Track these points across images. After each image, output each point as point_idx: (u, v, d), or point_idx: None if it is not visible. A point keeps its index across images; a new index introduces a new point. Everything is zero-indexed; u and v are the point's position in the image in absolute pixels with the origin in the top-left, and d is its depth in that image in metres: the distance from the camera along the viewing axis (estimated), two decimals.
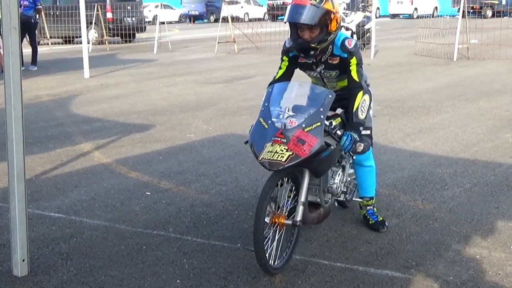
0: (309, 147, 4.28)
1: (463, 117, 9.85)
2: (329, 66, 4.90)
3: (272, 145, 4.31)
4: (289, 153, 4.25)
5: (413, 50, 20.07)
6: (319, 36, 4.63)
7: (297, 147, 4.26)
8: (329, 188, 4.97)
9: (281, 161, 4.22)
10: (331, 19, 4.61)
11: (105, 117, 10.41)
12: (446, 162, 7.35)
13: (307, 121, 4.38)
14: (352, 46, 4.77)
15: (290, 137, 4.30)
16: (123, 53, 22.63)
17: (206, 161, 7.58)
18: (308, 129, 4.34)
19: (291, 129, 4.35)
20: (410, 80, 14.04)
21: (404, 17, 48.28)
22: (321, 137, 4.36)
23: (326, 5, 4.57)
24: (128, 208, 5.96)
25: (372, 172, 5.27)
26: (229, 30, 22.40)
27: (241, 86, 13.73)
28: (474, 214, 5.65)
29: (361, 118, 4.72)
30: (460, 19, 18.70)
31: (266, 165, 4.28)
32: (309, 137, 4.31)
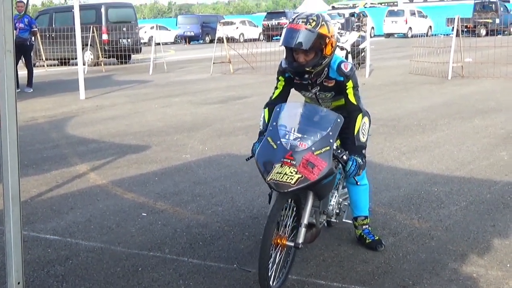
0: (318, 171, 4.30)
1: (458, 135, 9.87)
2: (324, 88, 4.93)
3: (282, 167, 4.31)
4: (299, 175, 4.25)
5: (408, 69, 20.15)
6: (313, 60, 4.66)
7: (306, 170, 4.27)
8: (324, 210, 5.00)
9: (290, 183, 4.23)
10: (326, 43, 4.63)
11: (101, 138, 10.41)
12: (442, 181, 7.35)
13: (317, 145, 4.39)
14: (348, 70, 4.80)
15: (300, 160, 4.30)
16: (119, 74, 22.67)
17: (202, 182, 7.57)
18: (318, 153, 4.36)
19: (301, 151, 4.35)
20: (405, 99, 14.08)
21: (398, 37, 48.48)
22: (330, 161, 4.38)
23: (321, 29, 4.59)
24: (123, 230, 5.94)
25: (366, 190, 5.28)
26: (225, 50, 22.48)
27: (237, 106, 13.75)
28: (470, 233, 5.64)
29: (363, 141, 4.76)
30: (454, 38, 18.79)
31: (274, 186, 4.28)
32: (318, 161, 4.32)
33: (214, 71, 21.83)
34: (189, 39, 52.84)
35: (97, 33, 25.05)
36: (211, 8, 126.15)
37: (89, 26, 24.20)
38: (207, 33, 52.04)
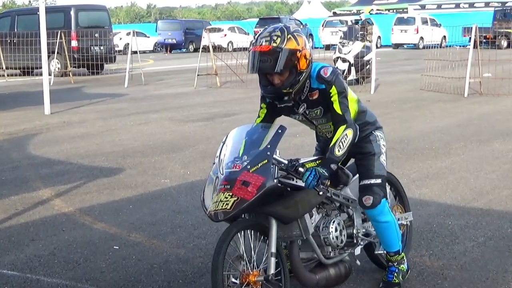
0: (255, 188, 4.30)
1: (476, 160, 9.90)
2: (311, 104, 4.91)
3: (217, 195, 4.38)
4: (234, 198, 4.29)
5: (418, 85, 20.22)
6: (289, 79, 4.67)
7: (241, 190, 4.30)
8: (325, 240, 4.94)
9: (226, 209, 4.28)
10: (298, 58, 4.63)
11: (68, 159, 10.39)
12: (456, 212, 7.37)
13: (253, 161, 4.42)
14: (329, 75, 4.78)
15: (235, 182, 4.35)
16: (90, 87, 22.68)
17: (183, 211, 7.56)
18: (254, 169, 4.38)
19: (234, 173, 4.39)
20: (416, 119, 14.14)
21: (408, 47, 48.75)
22: (269, 175, 4.39)
23: (288, 45, 4.59)
24: (92, 265, 5.91)
25: (390, 227, 5.19)
26: (211, 61, 22.53)
27: (224, 124, 13.76)
28: (488, 272, 5.64)
29: (337, 154, 4.71)
30: (471, 50, 18.88)
31: (213, 217, 4.35)
32: (254, 177, 4.34)
33: (198, 84, 21.86)
34: (171, 47, 52.91)
35: (66, 39, 25.05)
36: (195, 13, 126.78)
37: (56, 31, 24.22)
38: (191, 41, 52.15)
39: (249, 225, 4.58)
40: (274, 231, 4.52)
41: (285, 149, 8.66)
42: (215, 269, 4.28)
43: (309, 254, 4.92)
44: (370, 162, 5.14)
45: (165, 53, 51.26)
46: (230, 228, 4.45)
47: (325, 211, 5.04)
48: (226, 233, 4.42)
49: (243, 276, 4.46)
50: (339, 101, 4.78)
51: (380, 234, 5.22)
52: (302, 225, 4.72)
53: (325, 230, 4.94)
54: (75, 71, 26.49)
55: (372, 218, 5.12)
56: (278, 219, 4.55)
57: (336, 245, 4.97)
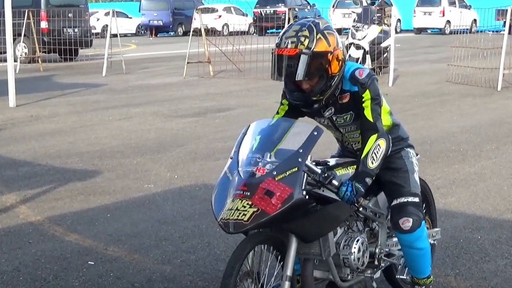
0: (280, 200, 4.26)
1: (510, 165, 9.92)
2: (340, 108, 4.92)
3: (233, 201, 4.32)
4: (254, 209, 4.24)
5: (444, 76, 20.24)
6: (319, 84, 4.70)
7: (263, 201, 4.25)
8: (344, 260, 4.92)
9: (242, 220, 4.23)
10: (330, 61, 4.65)
11: (36, 159, 10.40)
12: (487, 225, 7.38)
13: (280, 167, 4.38)
14: (364, 77, 4.80)
15: (256, 189, 4.30)
16: (62, 75, 22.68)
17: (170, 221, 7.57)
18: (280, 177, 4.33)
19: (257, 178, 4.36)
20: (441, 116, 14.16)
21: (433, 33, 48.78)
22: (298, 186, 4.33)
23: (318, 47, 4.61)
24: (63, 283, 5.92)
25: (426, 254, 5.20)
26: (203, 46, 22.52)
27: (218, 120, 13.78)
28: None
29: (371, 167, 4.72)
30: (506, 36, 18.89)
31: (224, 227, 4.30)
32: (280, 187, 4.30)
33: (188, 74, 21.86)
34: (156, 30, 52.92)
35: (34, 20, 24.98)
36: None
37: (23, 11, 24.16)
38: (180, 23, 52.13)
39: (267, 239, 4.54)
40: (293, 251, 4.50)
41: None
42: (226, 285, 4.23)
43: (325, 274, 4.92)
44: (403, 179, 5.13)
45: (149, 37, 51.25)
46: (246, 242, 4.42)
47: (348, 225, 5.01)
48: (242, 248, 4.38)
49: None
50: (371, 107, 4.80)
51: (412, 261, 5.22)
52: (324, 245, 4.70)
53: (346, 249, 4.91)
54: (45, 56, 26.48)
55: (407, 244, 5.08)
56: (299, 237, 4.53)
57: (356, 267, 4.96)
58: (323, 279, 4.97)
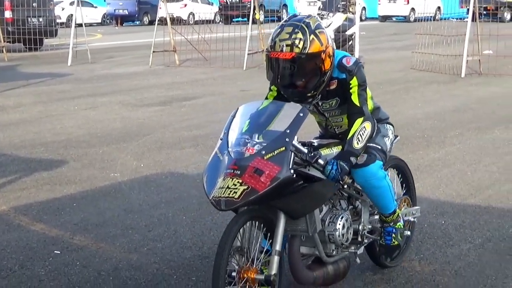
0: (269, 178, 4.44)
1: (474, 151, 9.99)
2: (327, 95, 5.14)
3: (224, 180, 4.49)
4: (244, 187, 4.42)
5: (409, 63, 20.33)
6: (313, 82, 4.92)
7: (253, 179, 4.44)
8: (329, 237, 5.11)
9: (233, 198, 4.41)
10: (323, 60, 4.88)
11: (1, 150, 10.34)
12: (451, 210, 7.44)
13: (268, 147, 4.56)
14: (352, 64, 5.06)
15: (246, 168, 4.47)
16: (27, 65, 22.52)
17: (136, 210, 7.57)
18: (269, 156, 4.52)
19: (247, 158, 4.53)
20: (405, 103, 14.24)
21: (397, 20, 48.94)
22: (286, 165, 4.52)
23: (312, 48, 4.82)
24: (29, 272, 5.90)
25: (386, 191, 5.35)
26: (168, 35, 22.45)
27: (184, 109, 13.76)
28: (487, 278, 5.72)
29: (356, 147, 4.95)
30: (469, 23, 19.00)
31: (216, 205, 4.47)
32: (269, 166, 4.48)
33: (154, 63, 21.79)
34: (122, 19, 52.62)
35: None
36: None
37: None
38: (145, 12, 51.88)
39: (257, 216, 4.71)
40: (282, 227, 4.69)
41: None
42: (217, 267, 4.41)
43: (310, 250, 5.12)
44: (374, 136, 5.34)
45: (115, 26, 50.95)
46: (238, 218, 4.58)
47: (332, 203, 5.23)
48: (234, 223, 4.55)
49: (242, 271, 4.60)
50: (358, 93, 5.08)
51: (373, 198, 5.40)
52: (310, 221, 4.89)
53: (331, 225, 5.11)
54: (9, 46, 26.27)
55: (362, 179, 5.22)
56: (287, 214, 4.71)
57: (340, 243, 5.17)
58: (310, 254, 5.16)
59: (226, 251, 4.43)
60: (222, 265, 4.41)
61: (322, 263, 5.15)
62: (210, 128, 11.28)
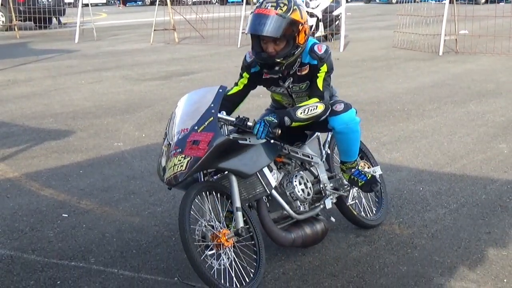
0: (205, 144, 4.56)
1: (450, 123, 9.99)
2: (298, 79, 5.18)
3: (170, 161, 4.63)
4: (187, 159, 4.55)
5: (391, 42, 20.30)
6: (285, 49, 4.93)
7: (193, 150, 4.57)
8: (291, 195, 5.20)
9: (182, 170, 4.53)
10: (299, 31, 4.92)
11: (13, 120, 10.30)
12: (428, 178, 7.45)
13: (199, 122, 4.70)
14: (323, 52, 5.09)
15: (185, 144, 4.61)
16: (37, 42, 22.43)
17: (138, 176, 7.56)
18: (202, 128, 4.65)
19: (184, 136, 4.66)
20: (387, 78, 14.21)
21: (381, 2, 48.84)
22: (218, 130, 4.64)
23: (293, 15, 4.87)
24: (39, 234, 5.90)
25: (359, 136, 5.47)
26: (168, 15, 22.36)
27: (182, 83, 13.72)
28: (461, 241, 5.73)
29: (298, 115, 4.97)
30: (447, 4, 18.94)
31: (171, 182, 4.61)
32: (203, 135, 4.61)
33: (155, 40, 21.72)
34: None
35: None
36: None
37: None
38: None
39: (208, 186, 4.79)
40: (235, 186, 4.76)
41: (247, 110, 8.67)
42: (183, 232, 4.50)
43: (279, 213, 5.17)
44: None
45: (119, 6, 50.77)
46: (188, 191, 4.66)
47: (287, 170, 5.33)
48: (186, 197, 4.62)
49: (214, 239, 4.65)
50: (324, 78, 5.11)
51: (347, 144, 5.45)
52: (264, 180, 4.98)
53: (289, 185, 5.21)
54: (21, 24, 26.14)
55: (343, 125, 5.25)
56: (237, 175, 4.80)
57: (303, 198, 5.24)
58: (282, 218, 5.22)
59: (186, 223, 4.49)
60: (188, 236, 4.47)
61: (300, 225, 5.22)
62: None
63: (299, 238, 5.17)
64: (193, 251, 4.45)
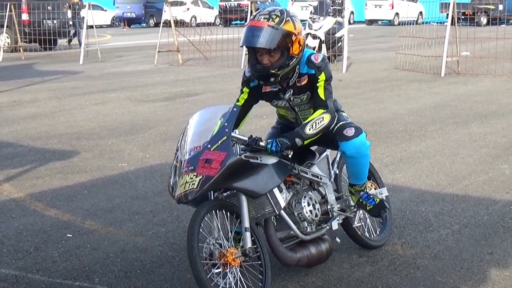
0: (218, 163, 4.55)
1: (452, 144, 9.99)
2: (298, 90, 5.19)
3: (182, 178, 4.63)
4: (199, 177, 4.55)
5: (393, 63, 20.33)
6: (279, 61, 4.96)
7: (205, 168, 4.57)
8: (299, 216, 5.21)
9: (193, 188, 4.52)
10: (293, 42, 4.95)
11: (18, 141, 10.32)
12: (431, 199, 7.45)
13: (212, 140, 4.70)
14: (320, 61, 5.11)
15: (197, 162, 4.60)
16: (42, 63, 22.48)
17: (142, 197, 7.56)
18: (214, 147, 4.65)
19: (197, 154, 4.66)
20: (390, 100, 14.22)
21: (383, 24, 48.93)
22: (231, 150, 4.65)
23: (286, 26, 4.91)
24: (44, 254, 5.90)
25: (368, 160, 5.49)
26: (172, 36, 22.43)
27: (186, 105, 13.75)
28: (463, 261, 5.73)
29: (307, 132, 5.00)
30: (449, 26, 18.99)
31: (183, 199, 4.58)
32: (215, 154, 4.60)
33: (159, 62, 21.77)
34: (130, 21, 52.56)
35: (16, 12, 24.73)
36: None
37: (5, 4, 23.91)
38: (151, 15, 51.84)
39: (218, 204, 4.80)
40: (245, 206, 4.76)
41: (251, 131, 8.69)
42: (191, 250, 4.51)
43: (286, 232, 5.16)
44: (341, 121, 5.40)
45: (123, 28, 50.89)
46: (199, 209, 4.67)
47: (296, 190, 5.30)
48: (196, 214, 4.63)
49: (221, 257, 4.66)
50: (324, 87, 5.12)
51: (357, 168, 5.46)
52: (273, 200, 4.96)
53: (298, 206, 5.22)
54: (26, 46, 26.25)
55: (354, 149, 5.27)
56: (248, 194, 4.78)
57: (311, 219, 5.25)
58: (288, 237, 5.21)
59: (195, 241, 4.52)
60: (196, 254, 4.49)
61: (305, 245, 5.21)
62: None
63: (304, 258, 5.17)
64: (200, 270, 4.46)
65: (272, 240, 4.97)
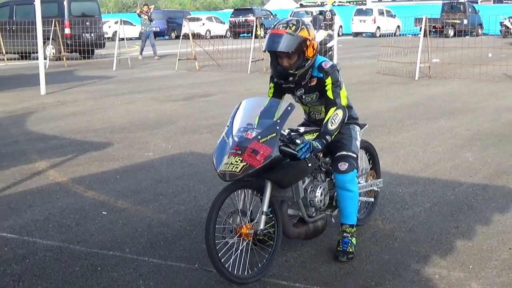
0: (262, 157, 4.50)
1: (424, 136, 9.98)
2: (308, 90, 5.20)
3: (229, 157, 4.54)
4: (243, 163, 4.48)
5: (375, 69, 20.30)
6: (296, 62, 4.96)
7: (251, 157, 4.49)
8: (310, 202, 5.16)
9: (235, 171, 4.47)
10: (307, 46, 4.95)
11: (62, 134, 10.33)
12: (406, 182, 7.44)
13: (263, 133, 4.61)
14: (328, 67, 5.13)
15: (245, 149, 4.53)
16: (81, 70, 22.49)
17: (165, 180, 7.56)
18: (263, 140, 4.57)
19: (246, 141, 4.58)
20: (372, 99, 14.19)
21: (366, 36, 48.81)
22: (276, 147, 4.58)
23: (301, 33, 4.91)
24: (83, 228, 5.91)
25: (355, 198, 5.24)
26: (190, 47, 22.43)
27: (202, 104, 13.74)
28: (433, 234, 5.72)
29: (330, 128, 4.99)
30: (422, 38, 18.96)
31: (222, 177, 4.53)
32: (263, 148, 4.53)
33: (179, 68, 21.77)
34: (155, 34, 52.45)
35: (59, 27, 24.76)
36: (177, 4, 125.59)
37: (51, 20, 23.91)
38: (173, 29, 51.75)
39: (247, 185, 4.75)
40: (268, 192, 4.71)
41: None
42: (209, 221, 4.46)
43: (295, 212, 5.15)
44: (348, 141, 5.33)
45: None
46: (229, 186, 4.64)
47: (313, 176, 5.26)
48: (224, 190, 4.62)
49: (237, 228, 4.66)
50: (332, 89, 5.11)
51: (343, 203, 5.23)
52: (295, 190, 4.94)
53: (312, 193, 5.17)
54: (68, 55, 26.24)
55: (341, 184, 5.16)
56: (277, 184, 4.75)
57: (319, 207, 5.22)
58: (295, 215, 5.20)
59: (215, 212, 4.49)
60: (212, 223, 4.45)
61: (305, 222, 5.20)
62: (222, 118, 11.26)
63: (303, 233, 5.16)
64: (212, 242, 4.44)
65: (284, 217, 4.94)
